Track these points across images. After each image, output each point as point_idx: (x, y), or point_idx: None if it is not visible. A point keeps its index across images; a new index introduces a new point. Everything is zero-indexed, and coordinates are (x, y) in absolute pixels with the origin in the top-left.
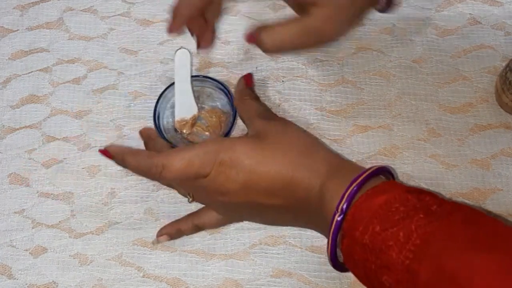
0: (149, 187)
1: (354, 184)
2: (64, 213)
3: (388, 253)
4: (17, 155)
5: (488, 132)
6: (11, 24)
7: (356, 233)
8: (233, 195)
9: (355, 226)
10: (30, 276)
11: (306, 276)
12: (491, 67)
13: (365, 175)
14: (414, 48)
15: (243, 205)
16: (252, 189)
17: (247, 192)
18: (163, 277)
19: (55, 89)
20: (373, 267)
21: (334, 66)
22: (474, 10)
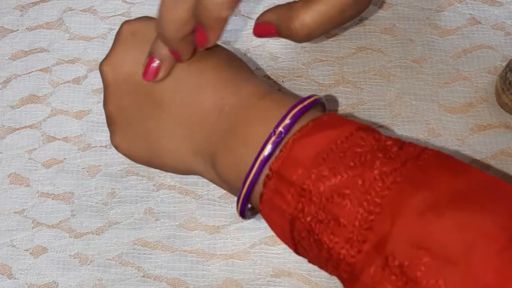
0: (149, 187)
1: (300, 106)
2: (64, 213)
3: (341, 204)
4: (17, 155)
5: (488, 132)
6: (11, 24)
7: (293, 176)
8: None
9: (291, 167)
10: (30, 276)
11: (306, 276)
12: (491, 67)
13: (311, 99)
14: (414, 48)
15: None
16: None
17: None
18: (163, 277)
19: (55, 89)
20: (309, 220)
21: (334, 66)
22: (474, 10)
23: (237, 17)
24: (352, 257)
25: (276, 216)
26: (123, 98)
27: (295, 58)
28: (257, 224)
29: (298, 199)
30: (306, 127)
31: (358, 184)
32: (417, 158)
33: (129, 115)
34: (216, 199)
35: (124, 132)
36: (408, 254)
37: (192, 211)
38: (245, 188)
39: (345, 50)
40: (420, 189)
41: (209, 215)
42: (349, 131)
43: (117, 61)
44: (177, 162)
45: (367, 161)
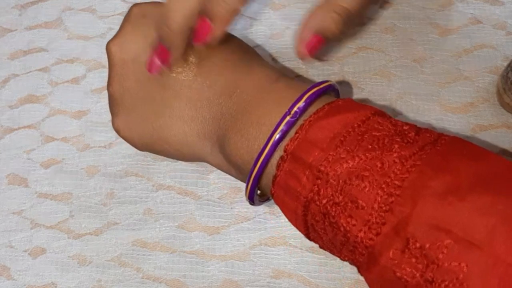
0: (149, 187)
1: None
2: (63, 214)
3: (360, 186)
4: (16, 155)
5: (489, 132)
6: (10, 24)
7: (309, 158)
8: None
9: (307, 149)
10: (29, 277)
11: (306, 277)
12: (493, 67)
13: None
14: (415, 48)
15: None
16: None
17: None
18: (163, 278)
19: (54, 89)
20: (324, 202)
21: (334, 66)
22: (475, 9)
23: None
24: (370, 240)
25: (289, 199)
26: (129, 79)
27: (295, 58)
28: (257, 225)
29: (314, 181)
30: (322, 110)
31: (377, 167)
32: (435, 143)
33: (134, 97)
34: (215, 200)
35: (127, 115)
36: (429, 236)
37: (191, 211)
38: (257, 168)
39: (345, 50)
40: (441, 173)
41: (209, 216)
42: (365, 115)
43: (125, 41)
44: (182, 145)
45: (385, 144)
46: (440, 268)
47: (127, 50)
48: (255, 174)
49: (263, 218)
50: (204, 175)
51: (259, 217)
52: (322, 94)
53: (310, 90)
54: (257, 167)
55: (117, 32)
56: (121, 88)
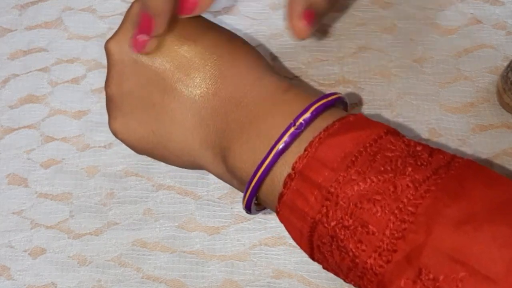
0: (148, 187)
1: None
2: (63, 214)
3: (371, 210)
4: (16, 155)
5: (489, 132)
6: (10, 24)
7: (318, 178)
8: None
9: (317, 168)
10: (29, 277)
11: (306, 277)
12: (493, 67)
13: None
14: (415, 48)
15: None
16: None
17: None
18: (163, 278)
19: (54, 89)
20: (333, 225)
21: (334, 66)
22: (475, 9)
23: (237, 16)
24: (380, 267)
25: (295, 219)
26: (128, 81)
27: (295, 58)
28: (257, 225)
29: (323, 202)
30: (333, 127)
31: (390, 191)
32: (448, 166)
33: (134, 100)
34: (215, 200)
35: (126, 117)
36: (443, 267)
37: (191, 211)
38: (257, 177)
39: (346, 50)
40: (456, 200)
41: (209, 216)
42: (377, 134)
43: (125, 40)
44: (183, 153)
45: (398, 166)
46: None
47: (128, 50)
48: (254, 184)
49: (263, 218)
50: (204, 175)
51: (259, 217)
52: (330, 106)
53: (317, 102)
54: (257, 177)
55: (117, 30)
56: (120, 90)
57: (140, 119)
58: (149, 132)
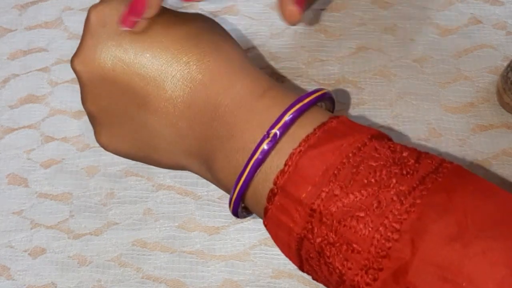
0: (148, 187)
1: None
2: (63, 214)
3: (355, 228)
4: (16, 155)
5: (489, 132)
6: (10, 24)
7: (301, 194)
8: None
9: (299, 184)
10: (29, 277)
11: (306, 277)
12: (492, 67)
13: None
14: (415, 48)
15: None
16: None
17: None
18: (163, 278)
19: (54, 89)
20: (319, 241)
21: (334, 66)
22: (475, 9)
23: (237, 16)
24: (367, 285)
25: (282, 233)
26: (102, 98)
27: (295, 58)
28: (257, 225)
29: (307, 219)
30: (314, 136)
31: (373, 206)
32: (436, 172)
33: (112, 115)
34: (215, 200)
35: (110, 132)
36: (431, 286)
37: (191, 212)
38: (236, 191)
39: (346, 50)
40: (444, 214)
41: (209, 216)
42: (361, 141)
43: (89, 58)
44: (171, 162)
45: (382, 177)
46: None
47: (93, 67)
48: (235, 198)
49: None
50: None
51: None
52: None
53: (292, 107)
54: (237, 191)
55: (79, 47)
56: (97, 107)
57: (123, 134)
58: (134, 146)
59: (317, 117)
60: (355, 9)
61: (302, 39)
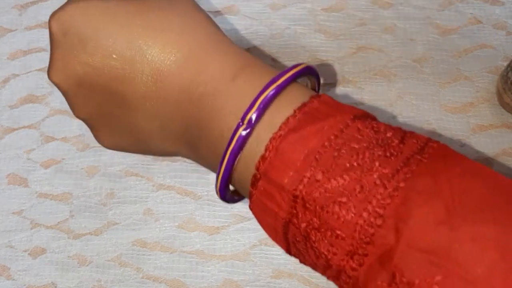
0: (148, 187)
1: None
2: (63, 214)
3: (338, 214)
4: (16, 155)
5: (489, 132)
6: (10, 24)
7: (283, 180)
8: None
9: (280, 170)
10: (29, 277)
11: (306, 277)
12: (492, 67)
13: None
14: (415, 48)
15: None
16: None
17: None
18: (163, 278)
19: (54, 89)
20: (304, 226)
21: (334, 66)
22: (475, 9)
23: (237, 16)
24: (353, 270)
25: (268, 218)
26: (86, 104)
27: (295, 58)
28: (257, 225)
29: (291, 204)
30: (294, 118)
31: (356, 191)
32: (421, 152)
33: (102, 118)
34: (215, 200)
35: (106, 133)
36: (418, 271)
37: (191, 211)
38: (219, 180)
39: (345, 50)
40: (430, 198)
41: (209, 215)
42: (344, 122)
43: (61, 69)
44: (163, 152)
45: (365, 160)
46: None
47: (67, 77)
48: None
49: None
50: (204, 175)
51: None
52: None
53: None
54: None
55: (50, 59)
56: (85, 114)
57: (118, 132)
58: (130, 142)
59: (297, 96)
60: (355, 9)
61: (302, 39)
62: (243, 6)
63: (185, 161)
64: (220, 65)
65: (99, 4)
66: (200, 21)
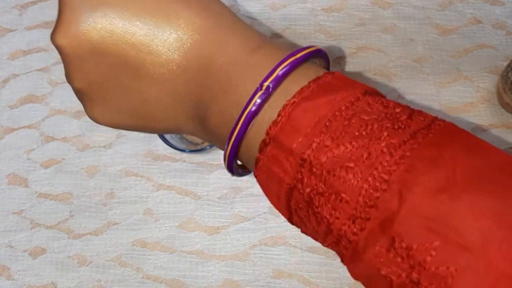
0: (148, 187)
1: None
2: (63, 214)
3: (344, 178)
4: (16, 155)
5: (489, 132)
6: (10, 24)
7: (292, 144)
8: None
9: (290, 134)
10: (29, 277)
11: (306, 277)
12: (492, 67)
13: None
14: (415, 48)
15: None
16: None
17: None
18: (163, 278)
19: (53, 89)
20: (308, 191)
21: (335, 66)
22: (475, 9)
23: None
24: (354, 235)
25: (272, 184)
26: (91, 73)
27: None
28: (256, 225)
29: (297, 169)
30: (307, 89)
31: (363, 157)
32: (428, 128)
33: (103, 89)
34: (215, 200)
35: (103, 105)
36: (417, 236)
37: (191, 211)
38: (231, 144)
39: (345, 50)
40: (433, 167)
41: (209, 216)
42: (355, 96)
43: (73, 32)
44: (168, 127)
45: (374, 130)
46: (427, 271)
47: (79, 41)
48: (229, 150)
49: (263, 218)
50: (204, 175)
51: (259, 217)
52: (303, 62)
53: (285, 61)
54: (231, 143)
55: (59, 22)
56: (86, 83)
57: (117, 106)
58: (129, 116)
59: (312, 72)
60: (355, 9)
61: (302, 39)
62: (243, 6)
63: (185, 161)
64: (242, 38)
65: None
66: (220, 3)
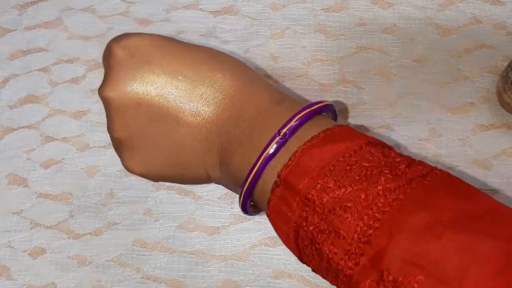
0: (149, 187)
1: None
2: (63, 214)
3: (342, 216)
4: (16, 155)
5: (489, 132)
6: (10, 24)
7: (299, 185)
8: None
9: (299, 176)
10: (29, 277)
11: (306, 277)
12: (492, 67)
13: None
14: (415, 48)
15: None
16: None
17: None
18: (163, 278)
19: (53, 89)
20: (311, 229)
21: (334, 66)
22: (475, 9)
23: (237, 16)
24: (349, 269)
25: (282, 223)
26: (134, 123)
27: (295, 58)
28: (256, 225)
29: (303, 208)
30: (317, 138)
31: (361, 198)
32: (424, 177)
33: (144, 138)
34: (215, 200)
35: (140, 156)
36: (402, 270)
37: (191, 212)
38: (248, 182)
39: (345, 50)
40: (421, 209)
41: (209, 216)
42: (358, 145)
43: (122, 86)
44: (199, 174)
45: (373, 176)
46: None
47: (126, 94)
48: (246, 188)
49: (263, 218)
50: None
51: (259, 217)
52: (315, 114)
53: (302, 111)
54: (249, 181)
55: (108, 77)
56: (127, 133)
57: (154, 155)
58: (166, 165)
59: (323, 123)
60: (355, 9)
61: (302, 39)
62: (243, 6)
63: None
64: (267, 93)
65: (162, 37)
66: (242, 63)
